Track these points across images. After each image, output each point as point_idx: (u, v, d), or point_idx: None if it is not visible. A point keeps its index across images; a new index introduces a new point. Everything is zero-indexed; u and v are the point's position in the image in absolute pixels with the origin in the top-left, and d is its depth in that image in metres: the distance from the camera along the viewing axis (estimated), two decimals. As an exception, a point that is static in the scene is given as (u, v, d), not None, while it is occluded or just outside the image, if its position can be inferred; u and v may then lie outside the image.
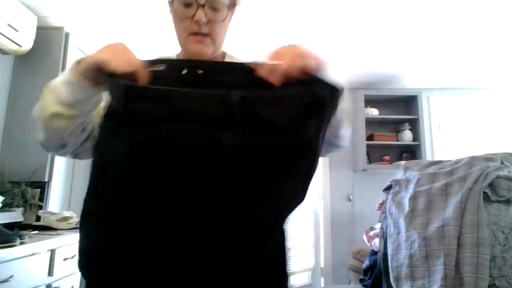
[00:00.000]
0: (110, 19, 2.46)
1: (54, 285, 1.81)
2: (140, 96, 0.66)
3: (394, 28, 2.58)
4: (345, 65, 3.32)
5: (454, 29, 2.59)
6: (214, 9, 0.80)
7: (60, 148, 0.79)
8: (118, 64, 0.65)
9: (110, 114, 0.70)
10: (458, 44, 2.85)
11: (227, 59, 0.92)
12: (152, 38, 2.72)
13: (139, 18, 2.45)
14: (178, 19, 0.82)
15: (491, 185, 1.57)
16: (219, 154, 0.66)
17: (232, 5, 0.84)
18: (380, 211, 2.11)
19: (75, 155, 0.84)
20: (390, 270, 1.73)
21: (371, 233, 2.62)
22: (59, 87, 0.71)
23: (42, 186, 2.18)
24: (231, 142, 0.65)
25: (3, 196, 1.86)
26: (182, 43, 0.84)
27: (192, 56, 0.83)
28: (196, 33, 0.81)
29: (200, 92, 0.68)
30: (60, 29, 2.38)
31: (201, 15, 0.78)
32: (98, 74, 0.67)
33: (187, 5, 0.79)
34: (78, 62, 0.70)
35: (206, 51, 0.82)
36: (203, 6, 0.78)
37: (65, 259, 1.90)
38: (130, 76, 0.67)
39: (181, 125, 0.66)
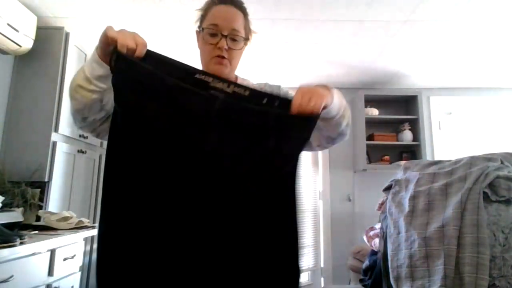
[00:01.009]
0: (110, 19, 2.46)
1: (54, 285, 1.81)
2: (128, 66, 0.78)
3: (394, 28, 2.59)
4: (346, 65, 3.33)
5: (454, 29, 2.59)
6: (234, 40, 1.04)
7: (82, 120, 0.96)
8: (123, 40, 0.79)
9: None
10: (458, 44, 2.85)
11: (239, 81, 1.11)
12: (152, 37, 2.72)
13: (139, 18, 2.45)
14: (204, 45, 1.06)
15: (491, 185, 1.57)
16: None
17: (247, 39, 1.10)
18: (380, 211, 2.11)
19: (97, 133, 1.02)
20: (390, 270, 1.72)
21: (371, 233, 2.62)
22: (85, 64, 0.89)
23: (42, 186, 2.18)
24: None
25: (3, 196, 1.86)
26: (205, 62, 1.07)
27: (212, 73, 0.98)
28: (217, 56, 1.03)
29: (186, 86, 0.79)
30: (60, 29, 2.38)
31: (224, 43, 1.02)
32: (107, 49, 0.81)
33: (213, 35, 1.03)
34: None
35: (224, 71, 1.04)
36: (226, 36, 1.02)
37: (65, 259, 1.90)
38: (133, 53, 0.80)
39: (161, 107, 0.77)
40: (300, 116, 0.81)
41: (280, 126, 0.81)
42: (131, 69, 0.78)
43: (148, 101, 0.78)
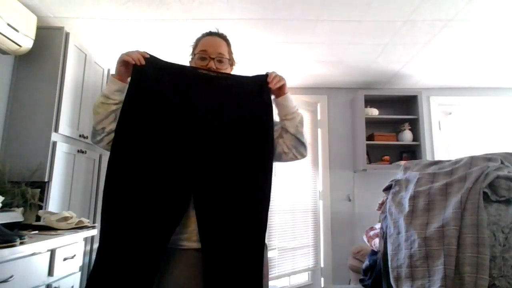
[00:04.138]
0: (110, 19, 2.46)
1: (54, 285, 1.81)
2: (149, 63, 1.21)
3: (394, 28, 2.59)
4: (346, 65, 3.32)
5: (454, 29, 2.59)
6: (220, 61, 1.33)
7: (101, 131, 1.20)
8: (135, 56, 1.18)
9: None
10: (458, 44, 2.85)
11: None
12: (152, 37, 2.72)
13: (139, 18, 2.45)
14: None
15: (491, 185, 1.57)
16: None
17: (231, 64, 1.39)
18: (380, 211, 2.11)
19: (110, 145, 1.20)
20: (390, 270, 1.72)
21: (371, 233, 2.62)
22: (104, 89, 1.22)
23: (42, 186, 2.18)
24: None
25: (3, 196, 1.86)
26: None
27: None
28: None
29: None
30: (60, 29, 2.38)
31: (212, 64, 1.30)
32: (123, 70, 1.20)
33: (203, 59, 1.31)
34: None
35: None
36: (213, 59, 1.31)
37: (65, 259, 1.90)
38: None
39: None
40: (253, 77, 1.27)
41: (238, 81, 1.28)
42: (151, 64, 1.21)
43: (165, 76, 1.21)
